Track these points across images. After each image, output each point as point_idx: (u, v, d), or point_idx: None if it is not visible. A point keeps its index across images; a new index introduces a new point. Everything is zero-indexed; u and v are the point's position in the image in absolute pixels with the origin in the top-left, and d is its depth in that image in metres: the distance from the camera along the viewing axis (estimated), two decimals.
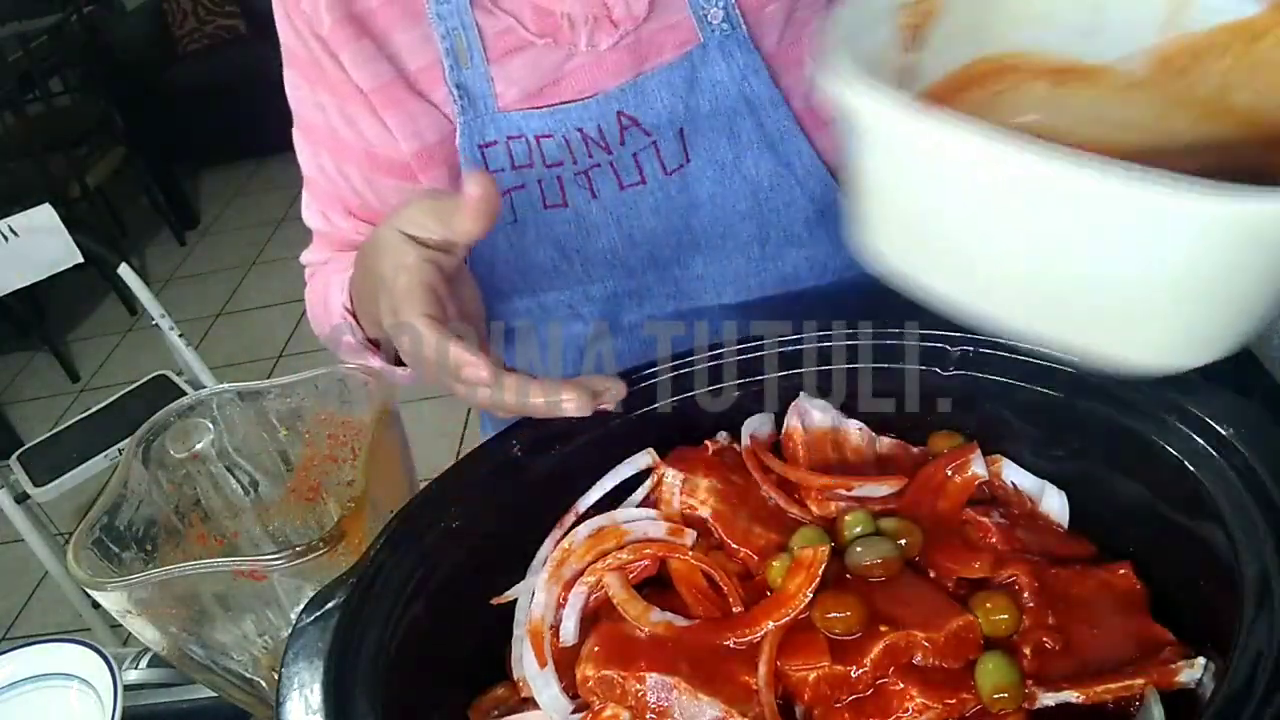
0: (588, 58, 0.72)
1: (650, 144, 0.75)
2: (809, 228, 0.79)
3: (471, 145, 0.74)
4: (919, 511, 0.54)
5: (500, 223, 0.74)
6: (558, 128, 0.73)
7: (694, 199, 0.77)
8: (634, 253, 0.79)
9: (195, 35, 4.46)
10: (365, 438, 0.67)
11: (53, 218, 1.92)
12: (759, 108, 0.74)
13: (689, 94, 0.73)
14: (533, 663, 0.50)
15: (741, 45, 0.72)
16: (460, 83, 0.73)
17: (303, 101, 0.80)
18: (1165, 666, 0.43)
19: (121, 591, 0.59)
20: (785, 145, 0.76)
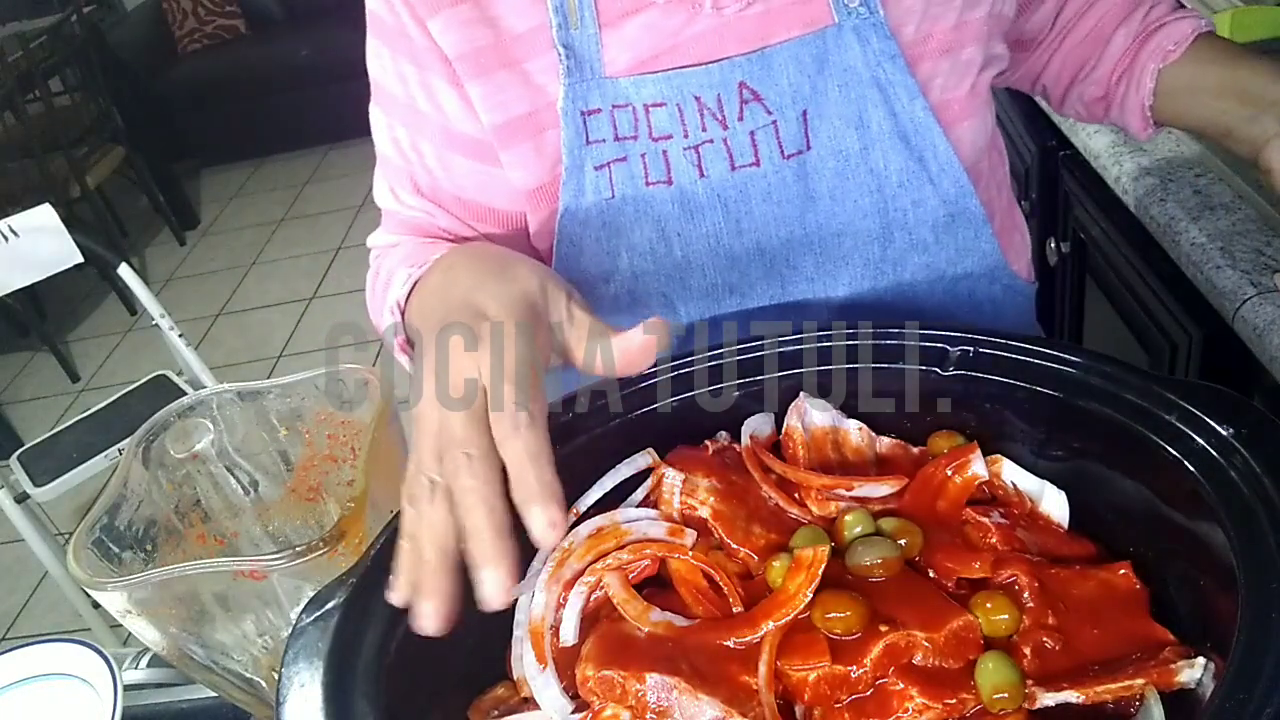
0: (712, 21, 0.69)
1: (770, 123, 0.70)
2: (935, 232, 0.74)
3: (574, 111, 0.70)
4: (919, 511, 0.54)
5: (596, 199, 0.72)
6: (673, 95, 0.69)
7: (812, 190, 0.72)
8: (739, 241, 0.74)
9: (195, 35, 4.47)
10: (365, 438, 0.67)
11: (53, 218, 1.93)
12: (893, 97, 0.70)
13: (817, 74, 0.70)
14: (533, 663, 0.50)
15: (878, 30, 0.69)
16: (568, 44, 0.69)
17: (384, 71, 0.76)
18: (1165, 666, 0.43)
19: (121, 591, 0.59)
20: (919, 138, 0.71)
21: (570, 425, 0.59)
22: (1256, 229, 1.01)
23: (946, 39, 0.71)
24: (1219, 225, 1.02)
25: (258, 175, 4.48)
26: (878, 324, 0.59)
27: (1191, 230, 1.03)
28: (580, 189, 0.72)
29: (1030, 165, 1.55)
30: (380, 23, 0.74)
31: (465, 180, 0.77)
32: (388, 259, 0.79)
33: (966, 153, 0.73)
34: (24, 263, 1.96)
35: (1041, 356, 0.54)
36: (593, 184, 0.72)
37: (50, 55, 3.49)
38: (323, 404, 0.74)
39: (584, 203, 0.72)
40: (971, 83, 0.73)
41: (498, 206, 0.78)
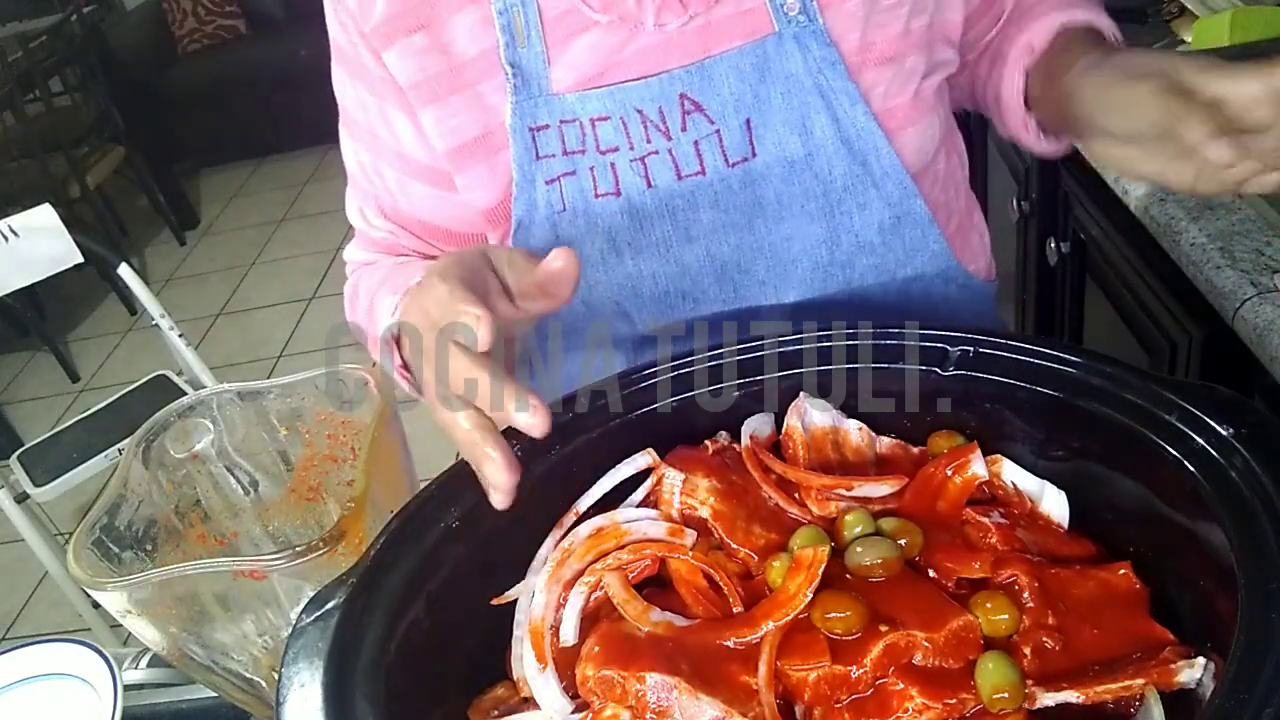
0: (653, 38, 0.70)
1: (714, 132, 0.71)
2: (882, 234, 0.75)
3: (523, 128, 0.72)
4: (919, 511, 0.54)
5: (548, 213, 0.74)
6: (616, 109, 0.71)
7: (759, 196, 0.74)
8: (689, 249, 0.75)
9: (195, 35, 4.47)
10: (365, 438, 0.67)
11: (53, 218, 1.93)
12: (835, 103, 0.71)
13: (759, 83, 0.71)
14: (533, 663, 0.50)
15: (818, 38, 0.70)
16: (515, 61, 0.71)
17: (346, 96, 0.79)
18: (1165, 666, 0.43)
19: (121, 591, 0.59)
20: (862, 143, 0.72)
21: (570, 425, 0.59)
22: (1256, 229, 1.01)
23: (890, 48, 0.72)
24: (1219, 225, 1.02)
25: (258, 175, 4.48)
26: (878, 324, 0.59)
27: (1191, 230, 1.03)
28: (532, 203, 0.74)
29: (1030, 165, 1.55)
30: (341, 51, 0.76)
31: (422, 204, 0.80)
32: (366, 279, 0.82)
33: (911, 158, 0.74)
34: (24, 263, 1.96)
35: (1041, 356, 0.54)
36: (544, 198, 0.73)
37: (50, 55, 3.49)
38: (323, 404, 0.74)
39: (536, 216, 0.74)
40: (915, 89, 0.74)
41: (455, 229, 0.81)
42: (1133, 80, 0.58)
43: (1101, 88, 0.61)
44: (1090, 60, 0.65)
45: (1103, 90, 0.61)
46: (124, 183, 4.03)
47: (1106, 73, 0.62)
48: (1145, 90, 0.56)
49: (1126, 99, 0.58)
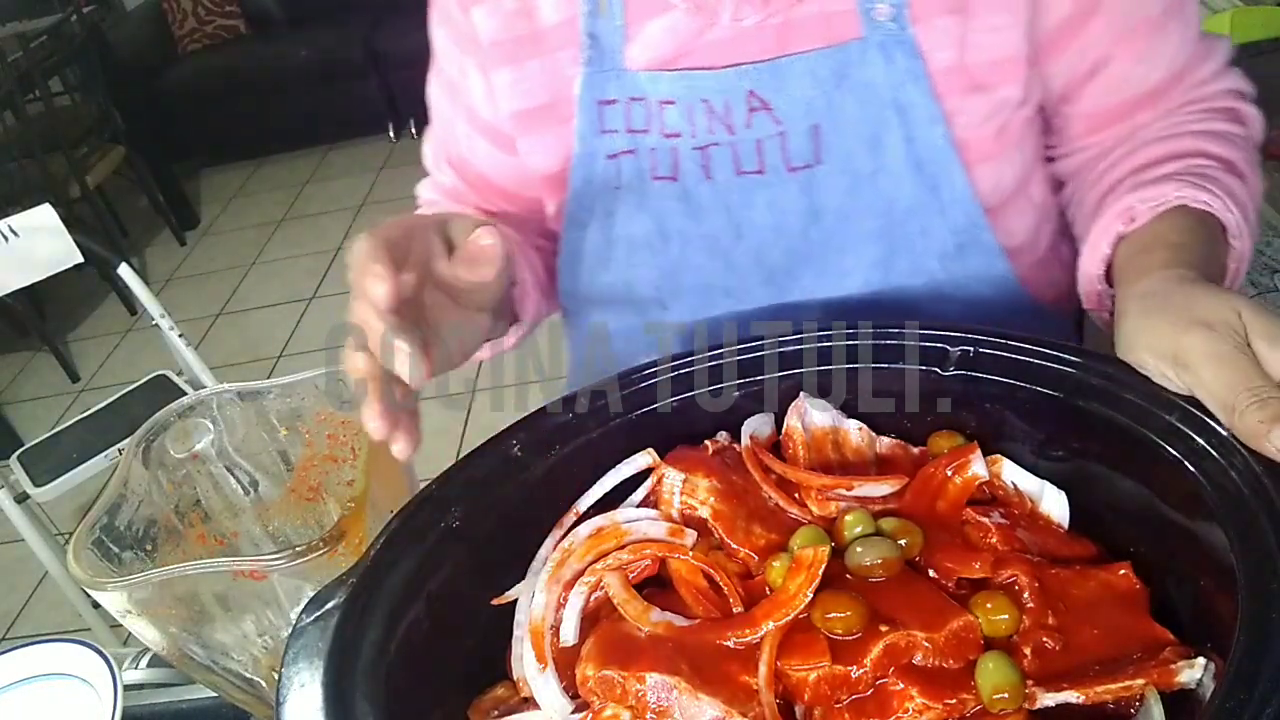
0: (729, 31, 0.68)
1: (778, 134, 0.69)
2: (943, 261, 0.72)
3: (590, 100, 0.72)
4: (919, 512, 0.54)
5: (603, 187, 0.74)
6: (683, 94, 0.69)
7: (816, 205, 0.71)
8: (738, 246, 0.74)
9: (195, 35, 4.47)
10: (365, 438, 0.67)
11: (53, 218, 1.92)
12: (912, 121, 0.68)
13: (835, 88, 0.68)
14: (533, 663, 0.50)
15: (905, 49, 0.66)
16: (594, 31, 0.70)
17: (439, 43, 0.80)
18: (1165, 666, 0.43)
19: (121, 591, 0.59)
20: (934, 168, 0.69)
21: (570, 425, 0.59)
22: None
23: (981, 74, 0.67)
24: None
25: (258, 175, 4.47)
26: (878, 324, 0.59)
27: None
28: (590, 176, 0.74)
29: None
30: (437, 2, 0.77)
31: (485, 162, 0.81)
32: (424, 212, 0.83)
33: (987, 191, 0.70)
34: (24, 263, 1.95)
35: (1041, 356, 0.54)
36: (602, 172, 0.74)
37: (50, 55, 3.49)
38: (323, 404, 0.74)
39: (592, 189, 0.74)
40: (1002, 123, 0.70)
41: (513, 190, 0.82)
42: (1194, 330, 0.47)
43: (1149, 332, 0.50)
44: (1154, 285, 0.54)
45: (1150, 335, 0.50)
46: (124, 183, 4.03)
47: (1161, 317, 0.50)
48: (1203, 350, 0.46)
49: (1180, 353, 0.48)
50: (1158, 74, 0.70)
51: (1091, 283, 0.66)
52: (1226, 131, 0.69)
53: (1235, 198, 0.63)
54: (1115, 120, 0.73)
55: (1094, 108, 0.72)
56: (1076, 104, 0.73)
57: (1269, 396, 0.43)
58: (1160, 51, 0.70)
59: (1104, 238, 0.65)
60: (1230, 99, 0.72)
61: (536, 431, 0.59)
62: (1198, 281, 0.53)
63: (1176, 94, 0.72)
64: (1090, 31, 0.68)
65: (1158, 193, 0.63)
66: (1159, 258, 0.58)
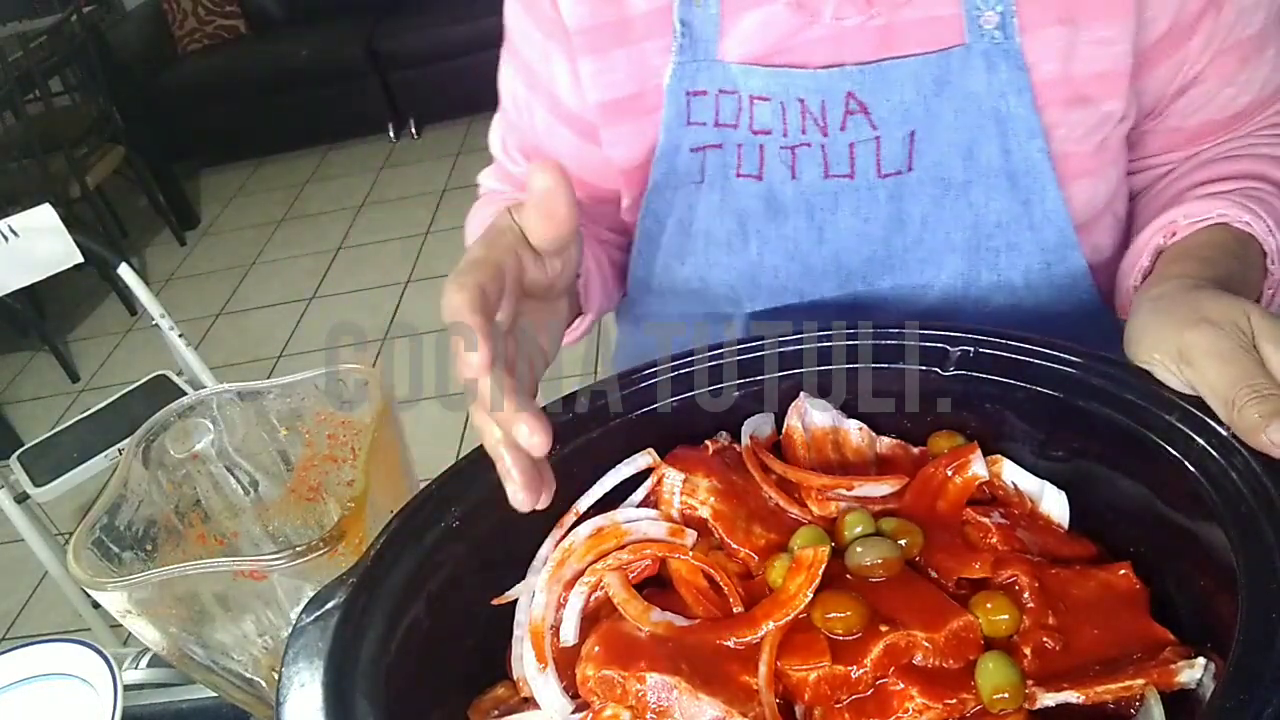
0: (829, 30, 0.67)
1: (873, 138, 0.68)
2: (1027, 278, 0.70)
3: (679, 90, 0.70)
4: (919, 512, 0.54)
5: (685, 180, 0.72)
6: (779, 91, 0.67)
7: (903, 213, 0.70)
8: (818, 251, 0.72)
9: (195, 35, 4.47)
10: (365, 438, 0.67)
11: (53, 218, 1.92)
12: (1010, 133, 0.66)
13: (934, 96, 0.66)
14: (533, 663, 0.50)
15: (1010, 59, 0.64)
16: (687, 20, 0.68)
17: (515, 25, 0.77)
18: (1165, 667, 0.43)
19: (121, 591, 0.59)
20: (1029, 181, 0.67)
21: (570, 425, 0.59)
22: None
23: (1086, 87, 0.66)
24: None
25: (258, 175, 4.48)
26: (878, 324, 0.59)
27: None
28: (672, 168, 0.73)
29: None
30: None
31: (565, 151, 0.79)
32: (485, 207, 0.83)
33: (1080, 209, 0.69)
34: (24, 263, 1.95)
35: (1041, 356, 0.54)
36: (685, 165, 0.72)
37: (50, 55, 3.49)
38: (323, 404, 0.74)
39: (673, 181, 0.73)
40: (1102, 138, 0.68)
41: (591, 181, 0.80)
42: (1199, 326, 0.48)
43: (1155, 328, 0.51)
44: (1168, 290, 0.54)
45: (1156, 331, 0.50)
46: (124, 183, 4.03)
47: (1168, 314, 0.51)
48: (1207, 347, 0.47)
49: (1184, 348, 0.48)
50: (1246, 98, 0.70)
51: (1127, 295, 0.66)
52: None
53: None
54: (1195, 139, 0.72)
55: (1177, 124, 0.71)
56: (1161, 120, 0.72)
57: (1269, 393, 0.44)
58: (1251, 76, 0.69)
59: (1145, 250, 0.65)
60: None
61: None
62: (1209, 286, 0.53)
63: (1258, 119, 0.71)
64: (1188, 50, 0.67)
65: (1201, 208, 0.63)
66: (1180, 268, 0.58)
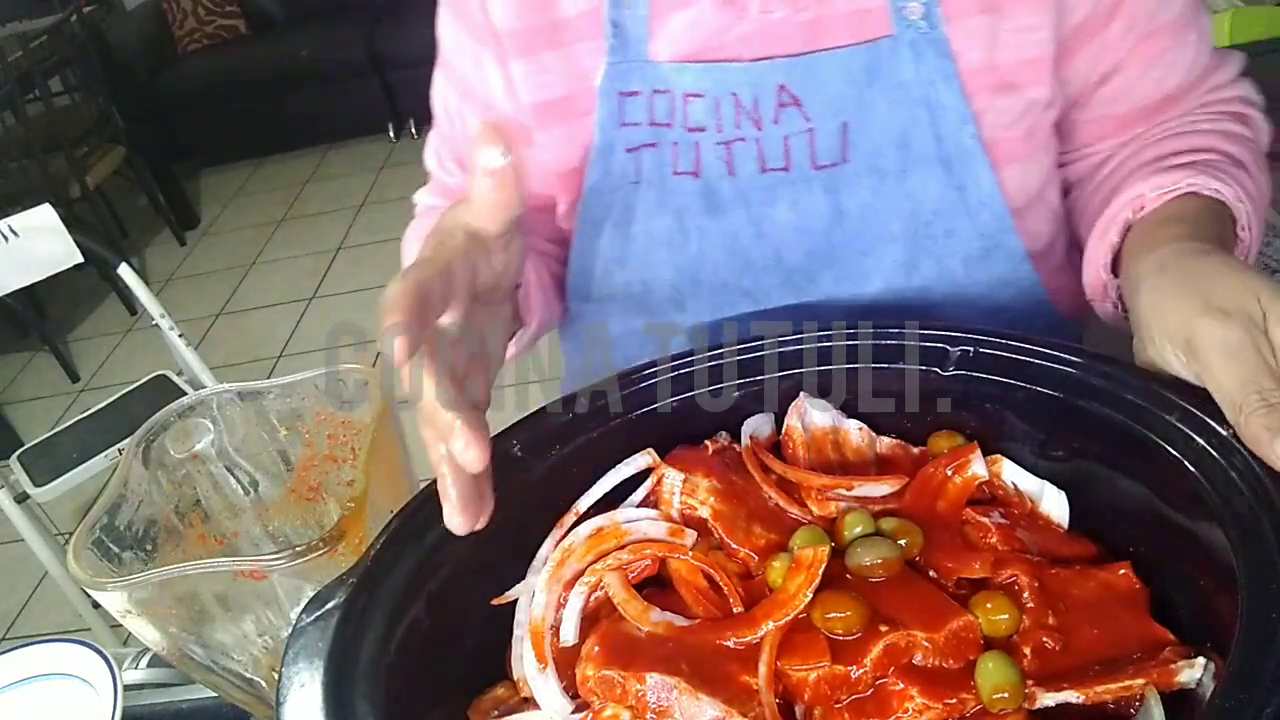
0: (756, 25, 0.67)
1: (806, 130, 0.68)
2: (967, 265, 0.71)
3: (612, 91, 0.70)
4: (919, 512, 0.54)
5: (622, 182, 0.72)
6: (711, 87, 0.68)
7: (841, 205, 0.70)
8: (758, 245, 0.72)
9: (195, 35, 4.47)
10: (365, 438, 0.67)
11: (53, 218, 1.92)
12: (941, 120, 0.67)
13: (866, 86, 0.67)
14: (533, 663, 0.50)
15: (936, 47, 0.65)
16: (618, 20, 0.69)
17: (447, 36, 0.77)
18: (1165, 667, 0.43)
19: (121, 591, 0.59)
20: (962, 168, 0.68)
21: (570, 425, 0.59)
22: None
23: (1011, 74, 0.67)
24: None
25: (258, 175, 4.48)
26: (878, 324, 0.59)
27: None
28: (608, 170, 0.72)
29: None
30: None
31: None
32: (423, 222, 0.82)
33: (1013, 193, 0.70)
34: (24, 263, 1.95)
35: (1041, 356, 0.54)
36: (621, 166, 0.72)
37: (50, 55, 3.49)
38: (323, 404, 0.74)
39: (610, 183, 0.73)
40: (1030, 125, 0.69)
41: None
42: (1208, 316, 0.46)
43: (1164, 312, 0.49)
44: (1169, 257, 0.53)
45: (1164, 316, 0.49)
46: (124, 183, 4.03)
47: (1177, 297, 0.49)
48: (1216, 341, 0.45)
49: (1192, 339, 0.47)
50: (1172, 81, 0.70)
51: (1097, 271, 0.66)
52: (1238, 133, 0.69)
53: (1247, 191, 0.63)
54: (1125, 126, 0.72)
55: (1105, 112, 0.72)
56: (1088, 109, 0.72)
57: (1278, 401, 0.43)
58: (1175, 59, 0.69)
59: (1112, 226, 0.65)
60: (1241, 105, 0.72)
61: (536, 431, 0.59)
62: (1215, 254, 0.52)
63: (1188, 102, 0.71)
64: (1108, 35, 0.68)
65: (1168, 179, 0.63)
66: (1171, 232, 0.57)
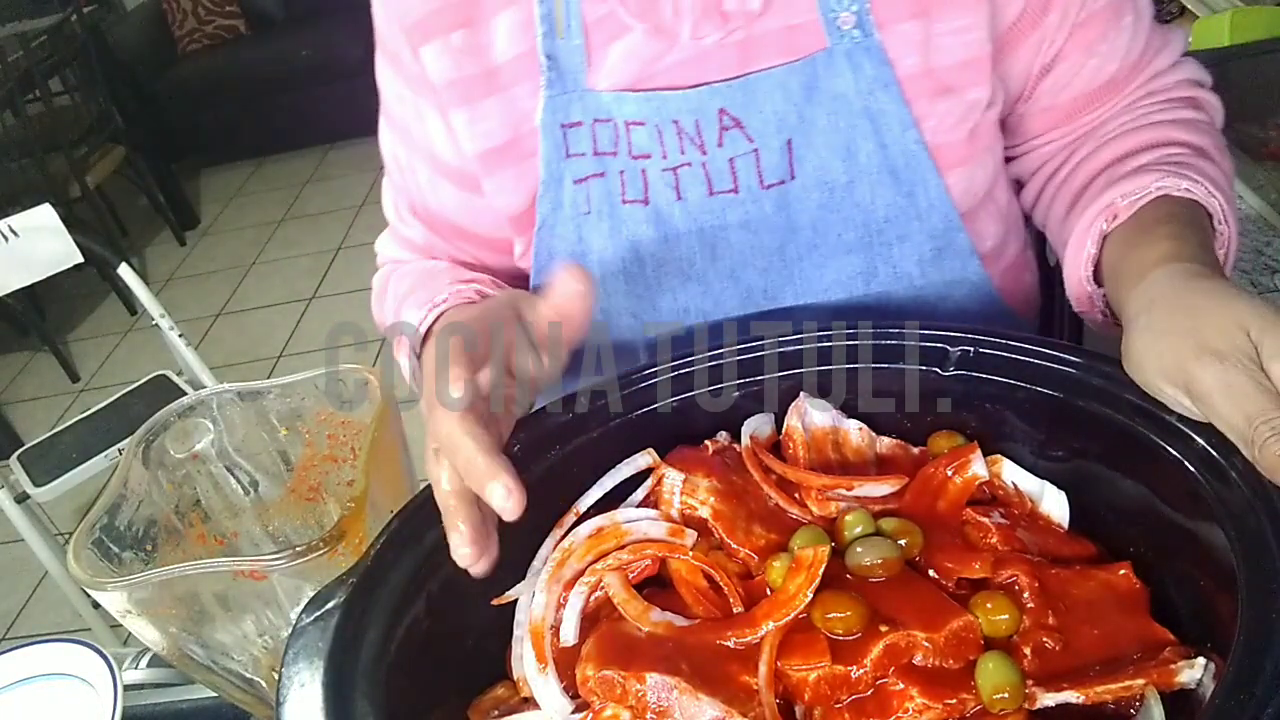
0: (689, 51, 0.67)
1: (751, 151, 0.68)
2: (921, 267, 0.71)
3: (554, 124, 0.69)
4: (919, 512, 0.54)
5: (573, 213, 0.72)
6: (651, 115, 0.68)
7: (792, 220, 0.70)
8: (714, 267, 0.72)
9: (195, 35, 4.47)
10: (365, 438, 0.67)
11: (53, 218, 1.92)
12: (884, 128, 0.67)
13: (805, 102, 0.67)
14: (533, 663, 0.50)
15: (872, 56, 0.65)
16: (552, 53, 0.68)
17: (387, 88, 0.77)
18: (1165, 667, 0.43)
19: (121, 591, 0.59)
20: (910, 173, 0.68)
21: (570, 425, 0.59)
22: (1256, 229, 1.01)
23: (949, 76, 0.67)
24: None
25: (258, 175, 4.47)
26: (878, 324, 0.59)
27: None
28: (558, 202, 0.72)
29: None
30: (383, 42, 0.75)
31: (451, 205, 0.78)
32: (396, 281, 0.81)
33: (960, 195, 0.70)
34: (24, 263, 1.95)
35: (1041, 356, 0.54)
36: (570, 198, 0.72)
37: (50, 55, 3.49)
38: (323, 404, 0.74)
39: (561, 216, 0.72)
40: (972, 126, 0.69)
41: (483, 234, 0.79)
42: (1203, 359, 0.46)
43: (1159, 355, 0.48)
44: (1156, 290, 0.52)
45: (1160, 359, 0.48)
46: (124, 183, 4.03)
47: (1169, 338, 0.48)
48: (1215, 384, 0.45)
49: (1191, 384, 0.46)
50: (1112, 65, 0.71)
51: (1080, 285, 0.65)
52: (1192, 119, 0.70)
53: (1214, 182, 0.63)
54: (1072, 116, 0.73)
55: (1050, 103, 0.73)
56: (1032, 101, 0.73)
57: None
58: (1113, 44, 0.70)
59: (1088, 237, 0.64)
60: (1189, 88, 0.72)
61: (536, 431, 0.59)
62: (1202, 280, 0.52)
63: (1133, 86, 0.72)
64: (1045, 26, 0.68)
65: (1136, 185, 0.63)
66: (1156, 252, 0.56)
